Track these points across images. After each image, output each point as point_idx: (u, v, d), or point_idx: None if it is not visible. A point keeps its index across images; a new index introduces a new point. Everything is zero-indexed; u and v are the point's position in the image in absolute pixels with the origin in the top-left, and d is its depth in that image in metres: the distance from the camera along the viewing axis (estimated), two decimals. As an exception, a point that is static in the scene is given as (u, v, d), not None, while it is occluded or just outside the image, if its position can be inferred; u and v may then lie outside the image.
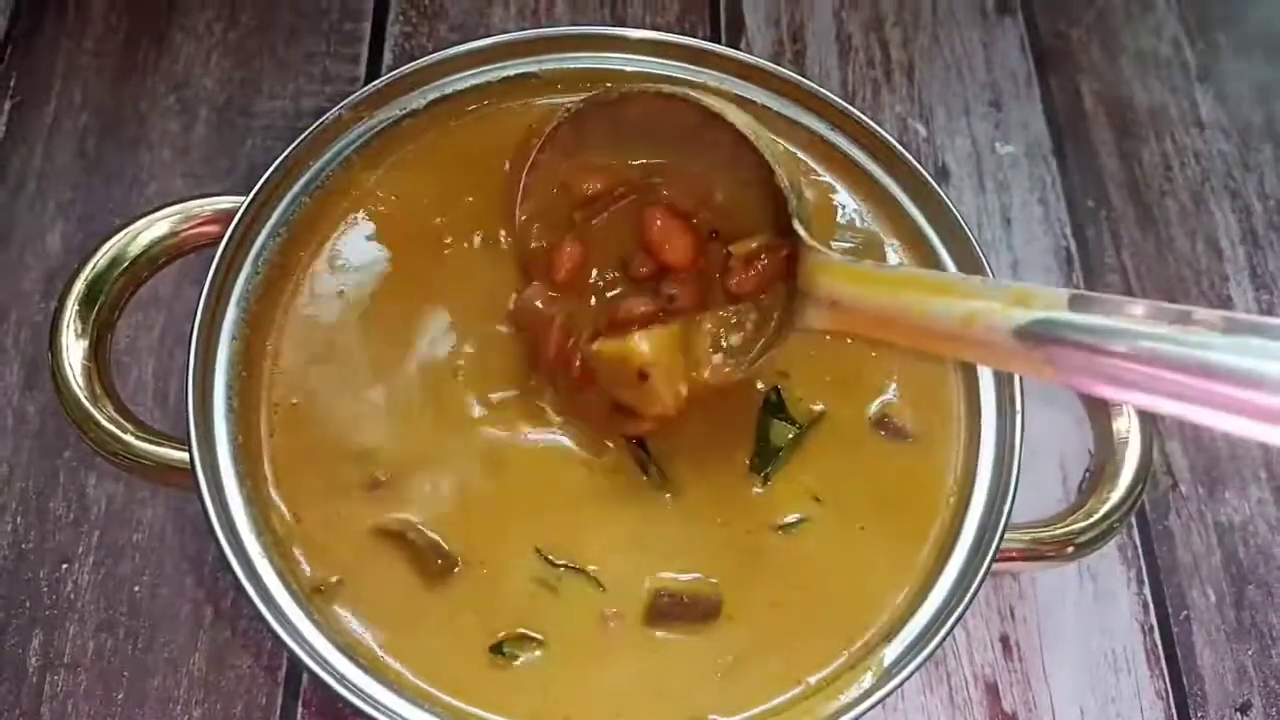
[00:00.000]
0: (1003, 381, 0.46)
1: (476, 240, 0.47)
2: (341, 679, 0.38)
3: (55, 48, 0.66)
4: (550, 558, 0.41)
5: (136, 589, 0.53)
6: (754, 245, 0.42)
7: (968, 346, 0.34)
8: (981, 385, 0.46)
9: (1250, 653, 0.56)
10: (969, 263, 0.48)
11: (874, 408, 0.45)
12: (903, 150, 0.49)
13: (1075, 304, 0.32)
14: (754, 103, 0.51)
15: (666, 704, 0.40)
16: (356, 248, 0.46)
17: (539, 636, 0.40)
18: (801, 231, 0.39)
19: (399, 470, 0.42)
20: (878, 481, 0.44)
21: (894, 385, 0.46)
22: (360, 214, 0.47)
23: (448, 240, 0.47)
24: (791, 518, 0.43)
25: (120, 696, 0.50)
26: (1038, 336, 0.32)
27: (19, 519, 0.54)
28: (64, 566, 0.53)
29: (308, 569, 0.41)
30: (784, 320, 0.41)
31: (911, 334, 0.36)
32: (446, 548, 0.41)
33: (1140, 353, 0.30)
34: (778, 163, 0.41)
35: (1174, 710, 0.54)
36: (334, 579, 0.41)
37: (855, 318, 0.37)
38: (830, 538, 0.43)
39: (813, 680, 0.40)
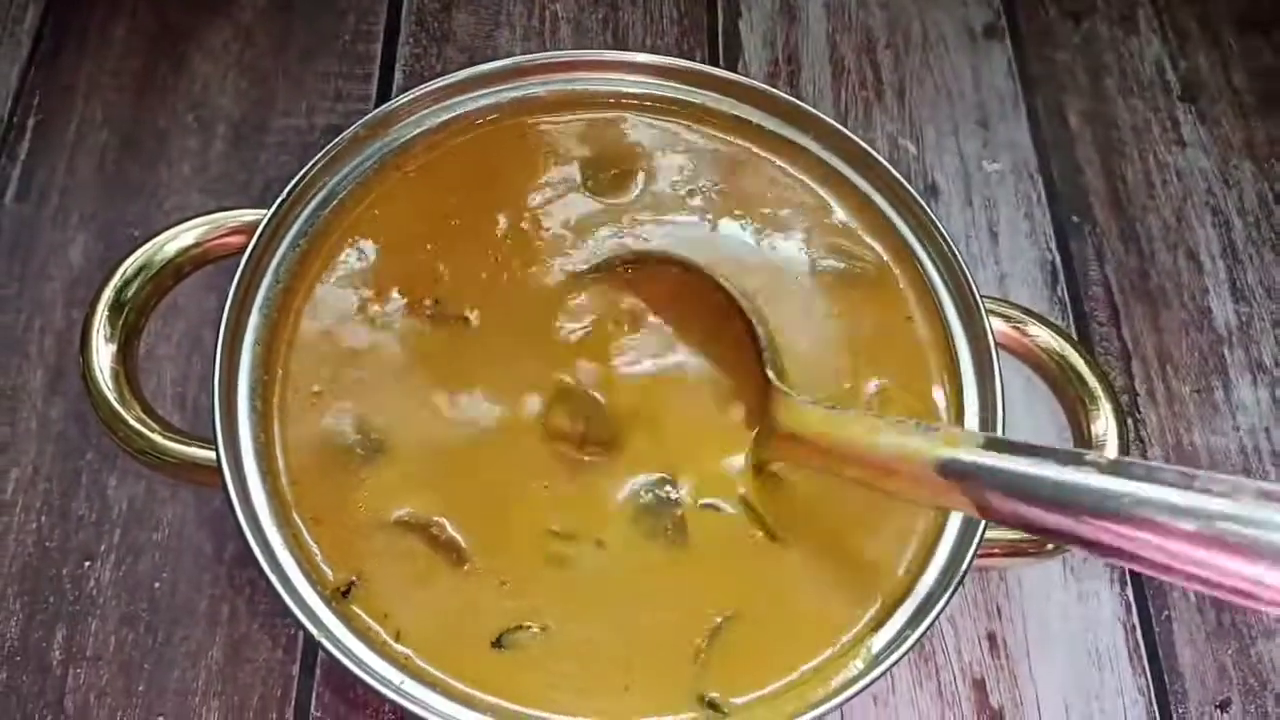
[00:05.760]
0: (985, 385, 0.48)
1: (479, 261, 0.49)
2: (361, 664, 0.40)
3: (77, 68, 0.69)
4: (560, 531, 0.43)
5: (157, 585, 0.55)
6: None
7: (902, 480, 0.39)
8: (964, 384, 0.48)
9: (1229, 651, 0.58)
10: (953, 276, 0.50)
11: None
12: (890, 168, 0.51)
13: (990, 445, 0.37)
14: (750, 122, 0.53)
15: (663, 681, 0.41)
16: (367, 261, 0.48)
17: (539, 622, 0.42)
18: (773, 378, 0.45)
19: (410, 467, 0.44)
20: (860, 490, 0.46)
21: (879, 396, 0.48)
22: (371, 229, 0.49)
23: (451, 258, 0.49)
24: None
25: (141, 689, 0.52)
26: (957, 473, 0.37)
27: (43, 519, 0.56)
28: (86, 564, 0.55)
29: (326, 568, 0.42)
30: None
31: (853, 465, 0.41)
32: (462, 543, 0.43)
33: (1043, 491, 0.34)
34: (761, 322, 0.47)
35: (1155, 707, 0.56)
36: (350, 576, 0.42)
37: (808, 450, 0.43)
38: (816, 539, 0.45)
39: (804, 668, 0.42)
